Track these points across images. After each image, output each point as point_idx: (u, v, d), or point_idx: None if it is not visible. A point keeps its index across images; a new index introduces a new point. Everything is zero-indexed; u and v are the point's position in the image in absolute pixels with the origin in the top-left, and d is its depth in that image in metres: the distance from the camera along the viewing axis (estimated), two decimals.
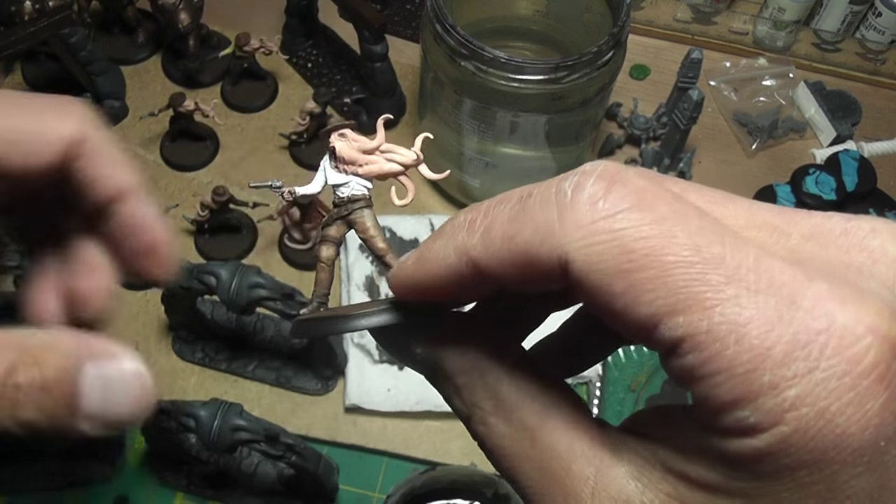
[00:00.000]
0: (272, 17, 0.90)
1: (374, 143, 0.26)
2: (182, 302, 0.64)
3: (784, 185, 0.79)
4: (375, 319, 0.24)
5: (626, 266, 0.18)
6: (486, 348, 0.23)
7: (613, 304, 0.19)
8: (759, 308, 0.18)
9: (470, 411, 0.23)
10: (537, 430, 0.22)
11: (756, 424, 0.17)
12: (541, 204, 0.20)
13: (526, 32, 0.74)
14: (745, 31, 0.91)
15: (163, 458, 0.65)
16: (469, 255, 0.21)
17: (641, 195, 0.19)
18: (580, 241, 0.19)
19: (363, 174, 0.26)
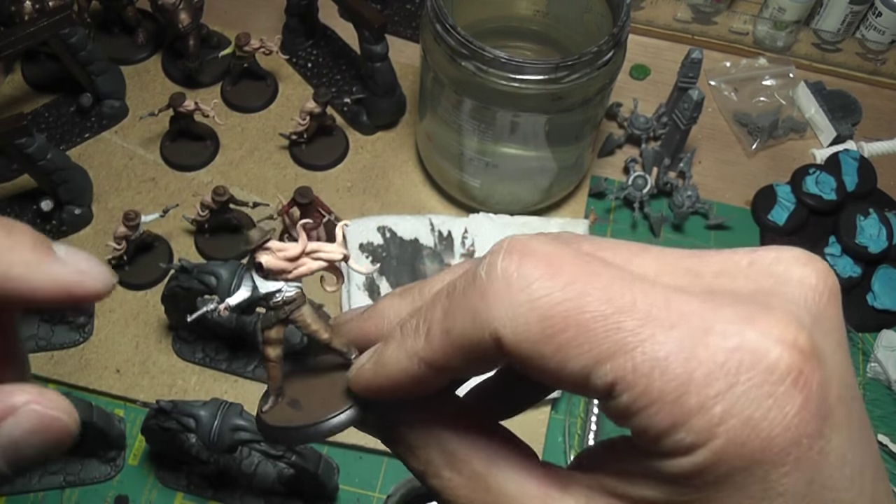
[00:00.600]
0: (272, 17, 0.90)
1: (299, 249, 0.26)
2: (182, 302, 0.64)
3: (784, 185, 0.79)
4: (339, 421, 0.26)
5: (548, 331, 0.20)
6: (435, 406, 0.25)
7: (546, 366, 0.20)
8: (674, 341, 0.19)
9: (424, 467, 0.25)
10: (487, 477, 0.23)
11: (692, 444, 0.19)
12: (463, 293, 0.21)
13: (526, 32, 0.74)
14: (746, 31, 0.91)
15: (163, 458, 0.65)
16: (419, 356, 0.23)
17: (549, 262, 0.20)
18: (503, 316, 0.20)
19: (293, 278, 0.27)
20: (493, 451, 0.24)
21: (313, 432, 0.26)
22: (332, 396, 0.27)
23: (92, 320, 0.70)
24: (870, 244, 0.75)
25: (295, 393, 0.28)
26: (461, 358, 0.22)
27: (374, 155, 0.81)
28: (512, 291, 0.20)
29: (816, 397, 0.19)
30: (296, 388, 0.29)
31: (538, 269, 0.20)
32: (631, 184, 0.78)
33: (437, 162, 0.75)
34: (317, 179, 0.79)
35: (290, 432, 0.27)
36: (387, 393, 0.25)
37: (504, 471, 0.23)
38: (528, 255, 0.21)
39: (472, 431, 0.24)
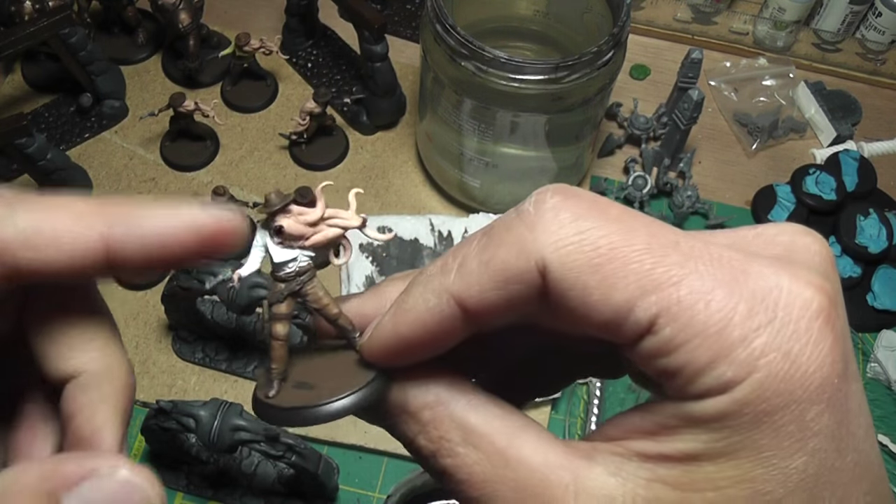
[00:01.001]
0: (272, 17, 0.90)
1: (317, 215, 0.26)
2: (182, 302, 0.64)
3: (784, 185, 0.79)
4: (348, 402, 0.24)
5: (595, 261, 0.20)
6: (447, 383, 0.24)
7: (589, 297, 0.20)
8: (716, 277, 0.20)
9: (436, 445, 0.23)
10: (508, 450, 0.22)
11: (733, 378, 0.19)
12: (507, 227, 0.22)
13: (526, 32, 0.74)
14: (745, 31, 0.91)
15: (163, 458, 0.65)
16: (449, 292, 0.22)
17: (596, 202, 0.21)
18: (552, 244, 0.20)
19: (310, 246, 0.26)
20: (514, 425, 0.23)
21: (336, 409, 0.24)
22: (344, 375, 0.25)
23: None
24: (870, 244, 0.75)
25: (300, 376, 0.27)
26: (498, 292, 0.21)
27: (374, 155, 0.81)
28: (561, 223, 0.21)
29: (841, 339, 0.20)
30: (300, 372, 0.27)
31: (584, 206, 0.21)
32: (631, 184, 0.78)
33: (437, 162, 0.75)
34: (317, 179, 0.79)
35: (307, 412, 0.24)
36: (406, 350, 0.24)
37: (526, 444, 0.22)
38: (576, 195, 0.21)
39: (490, 406, 0.23)
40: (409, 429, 0.24)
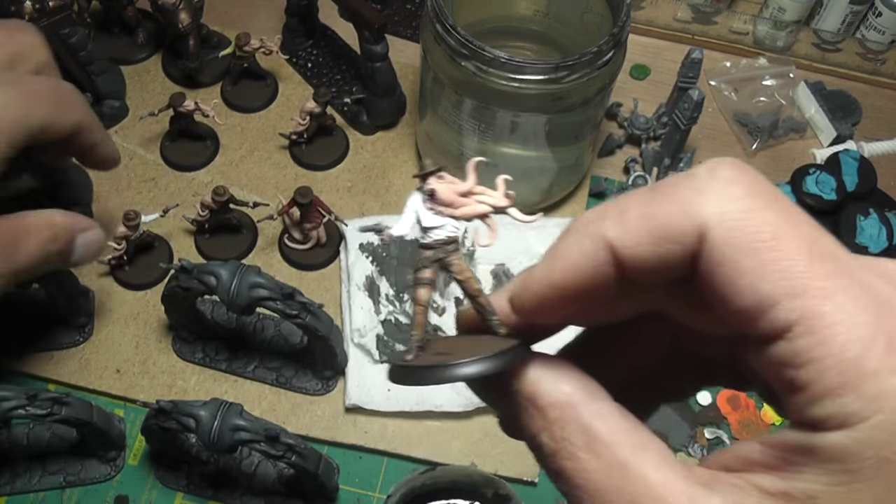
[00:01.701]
0: (272, 17, 0.90)
1: (469, 186, 0.27)
2: (182, 302, 0.64)
3: (784, 185, 0.79)
4: (481, 366, 0.24)
5: (755, 245, 0.19)
6: (579, 385, 0.24)
7: (738, 278, 0.20)
8: (863, 303, 0.19)
9: (559, 445, 0.23)
10: (630, 463, 0.22)
11: (858, 412, 0.18)
12: (676, 186, 0.21)
13: (526, 32, 0.74)
14: (745, 31, 0.91)
15: (163, 458, 0.65)
16: (605, 237, 0.22)
17: (770, 187, 0.20)
18: (719, 213, 0.20)
19: (458, 216, 0.26)
20: (638, 441, 0.22)
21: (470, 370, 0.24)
22: (483, 346, 0.25)
23: (92, 320, 0.70)
24: (870, 244, 0.75)
25: (439, 348, 0.27)
26: (654, 247, 0.21)
27: (374, 155, 0.81)
28: (732, 195, 0.20)
29: None
30: (440, 346, 0.27)
31: (758, 185, 0.20)
32: (631, 184, 0.78)
33: (438, 162, 0.75)
34: (317, 179, 0.79)
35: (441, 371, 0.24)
36: (556, 299, 0.23)
37: (648, 461, 0.22)
38: (753, 174, 0.21)
39: (617, 417, 0.23)
40: (535, 423, 0.24)
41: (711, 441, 0.68)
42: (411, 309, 0.67)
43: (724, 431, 0.68)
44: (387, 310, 0.69)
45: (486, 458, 0.66)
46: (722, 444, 0.67)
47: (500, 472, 0.65)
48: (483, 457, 0.66)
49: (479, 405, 0.66)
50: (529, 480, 0.65)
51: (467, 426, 0.67)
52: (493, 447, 0.66)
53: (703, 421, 0.69)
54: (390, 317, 0.69)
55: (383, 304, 0.69)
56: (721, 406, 0.69)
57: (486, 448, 0.66)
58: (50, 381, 0.68)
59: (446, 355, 0.25)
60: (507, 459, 0.65)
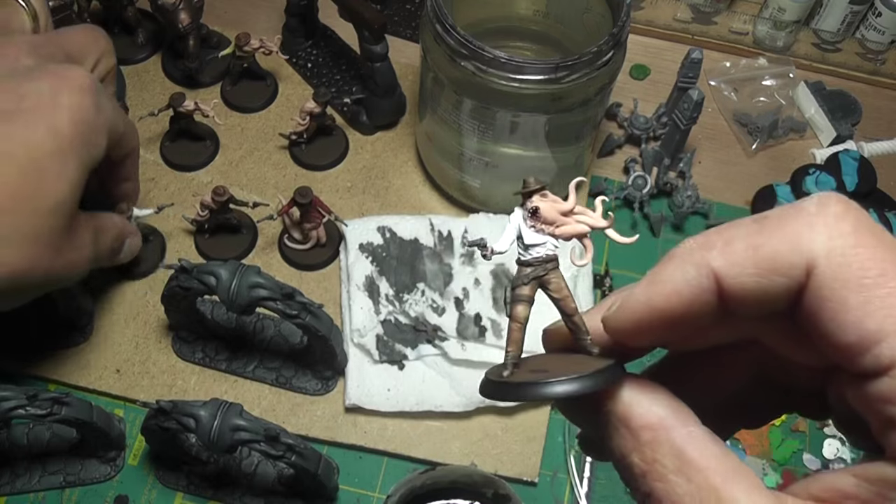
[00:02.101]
0: (272, 17, 0.90)
1: (570, 205, 0.27)
2: (182, 302, 0.64)
3: (784, 185, 0.79)
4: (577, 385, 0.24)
5: (863, 281, 0.20)
6: (672, 408, 0.24)
7: (844, 314, 0.20)
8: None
9: (649, 467, 0.23)
10: (721, 490, 0.22)
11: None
12: (784, 219, 0.21)
13: (526, 32, 0.74)
14: (745, 31, 0.91)
15: (163, 458, 0.65)
16: (710, 266, 0.22)
17: (871, 221, 0.21)
18: (828, 249, 0.20)
19: (559, 234, 0.27)
20: (730, 466, 0.22)
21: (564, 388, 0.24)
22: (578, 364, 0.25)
23: (92, 320, 0.70)
24: None
25: (535, 366, 0.27)
26: (759, 279, 0.21)
27: (374, 155, 0.81)
28: (842, 231, 0.20)
29: None
30: (532, 363, 0.27)
31: (865, 223, 0.21)
32: (631, 184, 0.78)
33: (437, 162, 0.75)
34: (317, 179, 0.79)
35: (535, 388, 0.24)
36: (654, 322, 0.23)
37: (740, 487, 0.22)
38: (859, 210, 0.21)
39: (709, 442, 0.23)
40: (626, 444, 0.24)
41: None
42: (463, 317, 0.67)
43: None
44: (386, 310, 0.69)
45: (486, 458, 0.66)
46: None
47: (499, 472, 0.65)
48: (483, 457, 0.66)
49: (479, 405, 0.66)
50: (529, 480, 0.65)
51: (467, 426, 0.67)
52: (493, 447, 0.66)
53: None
54: (390, 317, 0.69)
55: (383, 304, 0.69)
56: None
57: (486, 448, 0.66)
58: (50, 381, 0.68)
59: (541, 373, 0.26)
60: (507, 459, 0.65)
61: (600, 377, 0.24)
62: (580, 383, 0.24)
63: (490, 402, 0.66)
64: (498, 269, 0.72)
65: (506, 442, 0.66)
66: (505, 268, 0.72)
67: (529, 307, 0.27)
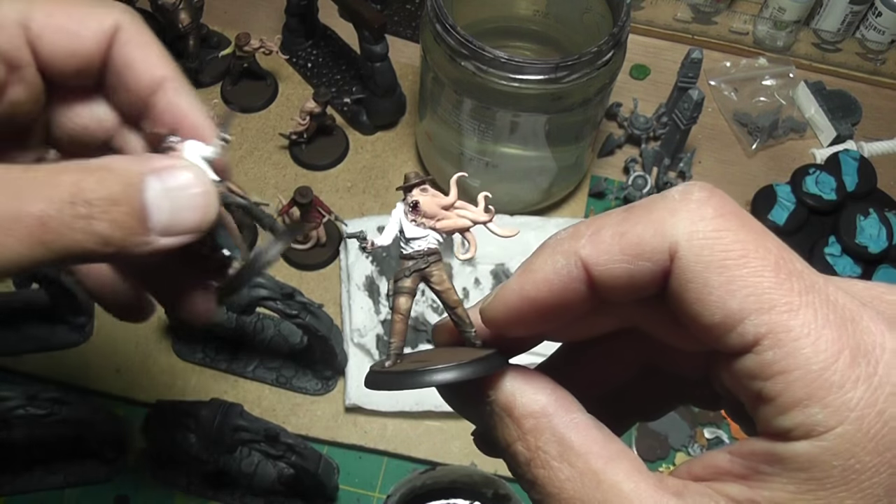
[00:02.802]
0: (272, 17, 0.90)
1: (451, 200, 0.27)
2: None
3: (784, 185, 0.79)
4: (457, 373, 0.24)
5: (724, 262, 0.20)
6: (554, 397, 0.24)
7: (707, 294, 0.21)
8: (829, 318, 0.20)
9: (533, 454, 0.24)
10: (603, 473, 0.22)
11: (823, 422, 0.19)
12: (649, 207, 0.22)
13: (526, 32, 0.74)
14: (745, 31, 0.91)
15: (163, 458, 0.65)
16: (578, 255, 0.22)
17: (735, 207, 0.21)
18: (689, 233, 0.21)
19: (439, 228, 0.27)
20: (611, 451, 0.23)
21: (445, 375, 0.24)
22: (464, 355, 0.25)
23: (92, 320, 0.70)
24: (870, 244, 0.75)
25: (417, 358, 0.27)
26: (626, 265, 0.22)
27: (374, 155, 0.81)
28: (703, 215, 0.21)
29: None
30: (416, 357, 0.28)
31: (728, 207, 0.21)
32: (631, 184, 0.78)
33: (437, 162, 0.75)
34: (317, 179, 0.79)
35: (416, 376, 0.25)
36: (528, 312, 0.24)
37: (620, 470, 0.22)
38: (722, 196, 0.22)
39: (591, 428, 0.24)
40: (509, 433, 0.24)
41: (711, 441, 0.68)
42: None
43: (723, 431, 0.68)
44: (387, 310, 0.69)
45: (486, 458, 0.66)
46: (722, 443, 0.67)
47: (499, 472, 0.65)
48: (483, 457, 0.65)
49: None
50: None
51: (467, 426, 0.67)
52: None
53: (702, 421, 0.69)
54: (389, 317, 0.69)
55: (383, 304, 0.69)
56: None
57: None
58: (50, 381, 0.68)
59: (423, 363, 0.26)
60: None
61: (479, 365, 0.24)
62: (459, 371, 0.24)
63: None
64: (498, 268, 0.72)
65: None
66: (505, 267, 0.72)
67: (411, 299, 0.27)
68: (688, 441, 0.67)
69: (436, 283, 0.27)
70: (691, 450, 0.67)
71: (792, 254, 0.21)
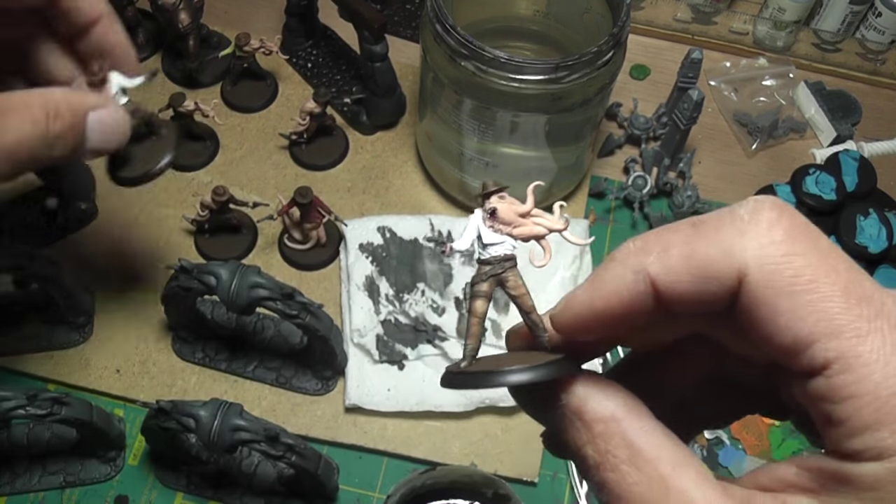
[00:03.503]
0: (272, 17, 0.90)
1: (528, 207, 0.28)
2: (182, 302, 0.64)
3: (784, 185, 0.79)
4: (531, 374, 0.25)
5: (794, 287, 0.21)
6: (624, 402, 0.25)
7: (777, 318, 0.21)
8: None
9: (602, 458, 0.24)
10: (671, 479, 0.23)
11: (892, 445, 0.19)
12: (717, 226, 0.22)
13: (526, 32, 0.74)
14: (745, 31, 0.91)
15: (163, 458, 0.65)
16: (647, 271, 0.23)
17: (808, 228, 0.21)
18: (759, 256, 0.21)
19: (516, 235, 0.28)
20: (679, 457, 0.23)
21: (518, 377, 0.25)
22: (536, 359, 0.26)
23: (92, 320, 0.70)
24: (870, 244, 0.75)
25: (490, 362, 0.28)
26: (693, 284, 0.22)
27: (374, 155, 0.81)
28: (773, 238, 0.21)
29: None
30: (489, 360, 0.29)
31: (798, 229, 0.21)
32: (631, 184, 0.78)
33: (437, 162, 0.75)
34: (317, 179, 0.79)
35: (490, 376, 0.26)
36: (595, 322, 0.25)
37: (688, 477, 0.23)
38: (793, 215, 0.22)
39: (660, 434, 0.24)
40: (580, 436, 0.25)
41: (711, 441, 0.68)
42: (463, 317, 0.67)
43: (723, 431, 0.68)
44: (386, 310, 0.69)
45: (486, 458, 0.66)
46: (721, 444, 0.67)
47: (499, 472, 0.65)
48: (483, 457, 0.66)
49: (479, 405, 0.66)
50: (529, 480, 0.65)
51: (467, 426, 0.67)
52: (493, 447, 0.66)
53: None
54: (390, 317, 0.69)
55: (383, 304, 0.69)
56: None
57: (486, 448, 0.66)
58: (50, 381, 0.68)
59: (498, 365, 0.27)
60: (507, 459, 0.65)
61: (552, 367, 0.25)
62: (532, 373, 0.25)
63: (490, 402, 0.66)
64: None
65: (506, 442, 0.66)
66: None
67: (487, 303, 0.28)
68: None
69: (511, 288, 0.28)
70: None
71: (862, 275, 0.21)
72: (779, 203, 0.22)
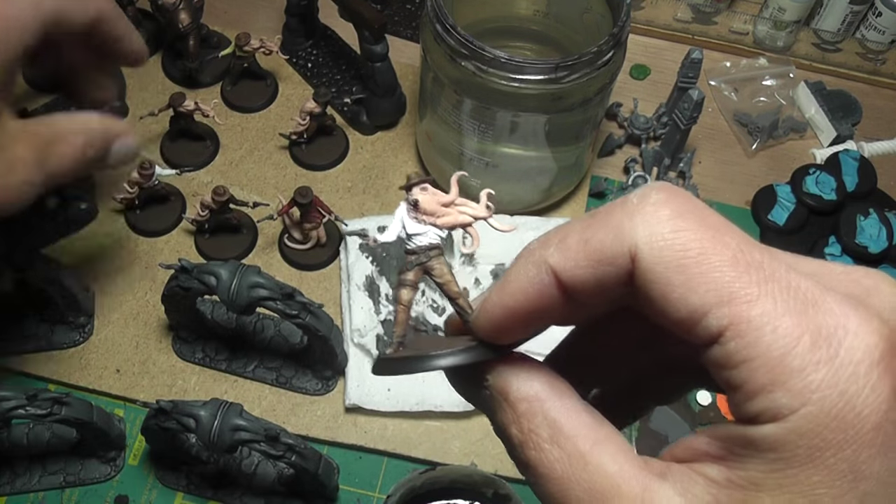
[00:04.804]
0: (272, 17, 0.90)
1: (451, 197, 0.29)
2: (182, 302, 0.64)
3: (784, 185, 0.79)
4: (455, 359, 0.26)
5: (683, 261, 0.21)
6: (548, 383, 0.26)
7: (670, 293, 0.22)
8: (788, 305, 0.21)
9: (525, 437, 0.25)
10: (589, 455, 0.24)
11: (787, 405, 0.20)
12: (609, 212, 0.23)
13: (526, 32, 0.74)
14: (745, 31, 0.91)
15: (163, 458, 0.65)
16: (548, 263, 0.24)
17: (696, 206, 0.22)
18: (648, 236, 0.22)
19: (440, 224, 0.29)
20: (600, 435, 0.24)
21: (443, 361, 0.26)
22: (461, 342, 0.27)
23: (92, 320, 0.70)
24: (870, 244, 0.75)
25: (417, 346, 0.29)
26: (591, 270, 0.23)
27: (374, 155, 0.81)
28: (660, 217, 0.22)
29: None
30: (417, 344, 0.30)
31: (686, 206, 0.22)
32: (631, 184, 0.78)
33: (437, 162, 0.75)
34: (317, 179, 0.79)
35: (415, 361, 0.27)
36: (510, 320, 0.25)
37: (607, 452, 0.24)
38: (680, 196, 0.22)
39: (581, 412, 0.25)
40: (505, 416, 0.26)
41: None
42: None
43: None
44: (387, 310, 0.69)
45: (486, 458, 0.66)
46: None
47: (500, 472, 0.65)
48: (483, 457, 0.66)
49: None
50: None
51: (467, 426, 0.67)
52: (493, 447, 0.66)
53: (703, 420, 0.69)
54: (390, 317, 0.69)
55: (383, 304, 0.69)
56: (721, 406, 0.69)
57: (486, 448, 0.66)
58: (50, 381, 0.68)
59: (425, 350, 0.28)
60: (507, 459, 0.65)
61: (474, 351, 0.26)
62: (455, 357, 0.26)
63: None
64: (498, 268, 0.72)
65: None
66: (505, 267, 0.72)
67: (413, 291, 0.29)
68: None
69: (437, 276, 0.29)
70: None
71: (752, 244, 0.22)
72: (667, 186, 0.23)
